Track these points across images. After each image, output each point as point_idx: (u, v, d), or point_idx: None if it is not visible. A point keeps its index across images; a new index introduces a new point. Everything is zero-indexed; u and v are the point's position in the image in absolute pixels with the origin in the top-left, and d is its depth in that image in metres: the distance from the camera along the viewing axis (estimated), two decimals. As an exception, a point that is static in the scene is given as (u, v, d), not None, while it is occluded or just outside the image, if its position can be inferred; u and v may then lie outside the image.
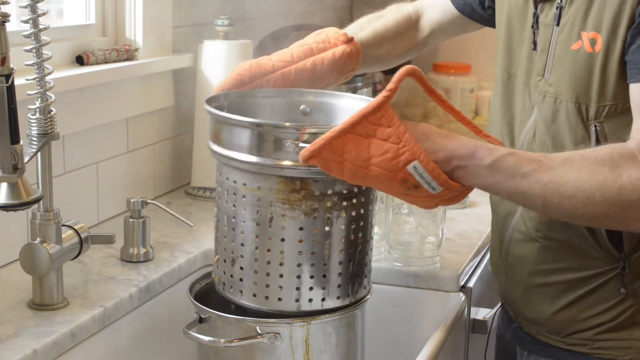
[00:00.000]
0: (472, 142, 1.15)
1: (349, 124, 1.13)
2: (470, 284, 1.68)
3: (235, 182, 1.24)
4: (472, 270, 1.73)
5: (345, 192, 1.23)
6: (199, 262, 1.67)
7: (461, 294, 1.63)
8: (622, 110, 1.24)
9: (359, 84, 2.47)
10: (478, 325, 1.70)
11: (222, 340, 1.25)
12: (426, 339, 1.44)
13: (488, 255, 1.82)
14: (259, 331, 1.24)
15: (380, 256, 1.69)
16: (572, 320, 1.35)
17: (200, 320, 1.29)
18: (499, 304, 1.57)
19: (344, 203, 1.23)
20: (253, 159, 1.20)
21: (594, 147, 1.22)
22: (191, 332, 1.27)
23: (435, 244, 1.66)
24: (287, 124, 1.21)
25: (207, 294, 1.35)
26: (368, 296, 1.33)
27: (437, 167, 1.12)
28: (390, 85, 1.14)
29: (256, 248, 1.24)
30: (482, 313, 1.71)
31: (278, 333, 1.24)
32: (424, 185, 1.13)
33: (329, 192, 1.22)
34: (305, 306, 1.25)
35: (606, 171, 1.13)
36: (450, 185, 1.14)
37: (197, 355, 1.33)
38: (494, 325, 1.64)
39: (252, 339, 1.24)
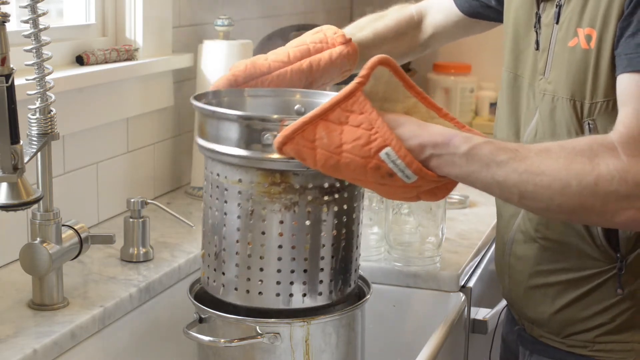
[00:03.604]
0: (447, 130, 1.14)
1: (321, 110, 1.14)
2: (470, 284, 1.68)
3: (218, 175, 1.24)
4: (472, 270, 1.74)
5: (326, 186, 1.23)
6: (199, 262, 1.67)
7: (461, 294, 1.63)
8: (614, 107, 1.23)
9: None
10: (478, 325, 1.70)
11: (222, 340, 1.25)
12: (426, 339, 1.44)
13: (488, 255, 1.83)
14: (259, 331, 1.25)
15: (380, 256, 1.69)
16: (572, 321, 1.35)
17: (200, 320, 1.29)
18: (505, 305, 1.57)
19: (326, 197, 1.23)
20: (233, 151, 1.21)
21: (574, 138, 1.21)
22: (191, 332, 1.27)
23: (435, 244, 1.66)
24: (266, 115, 1.21)
25: (207, 294, 1.35)
26: (368, 296, 1.33)
27: (410, 154, 1.12)
28: (362, 72, 1.15)
29: (237, 241, 1.24)
30: (482, 313, 1.71)
31: (278, 333, 1.24)
32: (398, 173, 1.12)
33: (310, 185, 1.22)
34: (287, 301, 1.25)
35: (584, 161, 1.11)
36: (424, 173, 1.12)
37: (197, 355, 1.33)
38: (499, 324, 1.64)
39: (252, 339, 1.24)
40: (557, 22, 1.31)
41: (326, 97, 1.37)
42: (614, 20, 1.21)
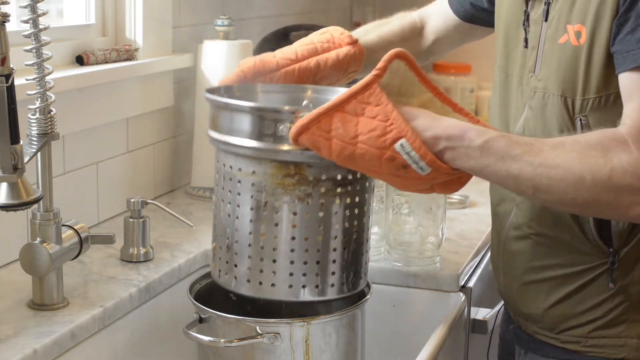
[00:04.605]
0: (462, 123, 1.16)
1: (337, 101, 1.15)
2: (470, 284, 1.68)
3: (231, 167, 1.25)
4: (472, 270, 1.74)
5: (340, 178, 1.23)
6: (199, 262, 1.67)
7: (461, 294, 1.63)
8: (606, 103, 1.24)
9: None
10: (478, 325, 1.70)
11: (222, 340, 1.26)
12: (426, 339, 1.44)
13: (488, 255, 1.83)
14: (259, 331, 1.25)
15: (380, 256, 1.69)
16: (565, 316, 1.36)
17: (200, 320, 1.29)
18: (502, 304, 1.58)
19: (339, 189, 1.24)
20: (248, 143, 1.21)
21: (585, 133, 1.22)
22: (191, 332, 1.27)
23: (435, 244, 1.66)
24: (281, 107, 1.22)
25: (207, 294, 1.35)
26: (368, 296, 1.33)
27: (425, 146, 1.13)
28: (379, 65, 1.16)
29: (250, 233, 1.24)
30: (482, 313, 1.71)
31: (278, 333, 1.24)
32: (412, 165, 1.13)
33: (323, 177, 1.22)
34: (299, 293, 1.25)
35: (597, 155, 1.13)
36: (438, 165, 1.14)
37: (197, 355, 1.33)
38: (497, 324, 1.64)
39: (252, 339, 1.25)
40: (546, 20, 1.32)
41: (337, 94, 1.38)
42: (607, 17, 1.22)
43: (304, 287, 1.25)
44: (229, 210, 1.26)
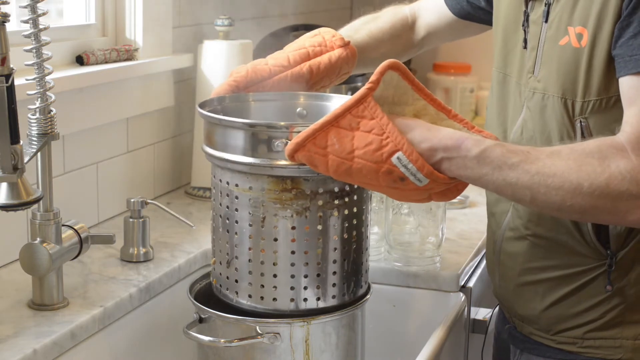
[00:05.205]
0: (457, 133, 1.15)
1: (332, 117, 1.15)
2: (470, 284, 1.68)
3: (228, 183, 1.25)
4: (472, 270, 1.74)
5: (337, 190, 1.23)
6: (199, 262, 1.67)
7: (461, 294, 1.63)
8: (607, 105, 1.24)
9: (359, 84, 2.47)
10: (478, 325, 1.70)
11: (222, 340, 1.26)
12: (426, 339, 1.44)
13: (488, 255, 1.83)
14: (259, 331, 1.25)
15: (380, 256, 1.69)
16: (561, 317, 1.36)
17: (200, 320, 1.29)
18: (497, 304, 1.58)
19: (336, 201, 1.24)
20: (244, 159, 1.21)
21: (583, 141, 1.22)
22: (191, 332, 1.27)
23: (435, 244, 1.66)
24: (276, 123, 1.22)
25: (207, 294, 1.35)
26: (368, 296, 1.33)
27: (422, 157, 1.13)
28: (372, 78, 1.16)
29: (250, 249, 1.24)
30: (482, 313, 1.71)
31: (278, 333, 1.24)
32: (410, 177, 1.13)
33: (320, 190, 1.22)
34: (301, 306, 1.25)
35: (594, 162, 1.13)
36: (436, 176, 1.14)
37: (197, 355, 1.33)
38: (492, 324, 1.64)
39: (252, 339, 1.25)
40: (546, 21, 1.31)
41: (329, 100, 1.38)
42: (609, 20, 1.22)
43: (305, 300, 1.25)
44: (227, 226, 1.26)
